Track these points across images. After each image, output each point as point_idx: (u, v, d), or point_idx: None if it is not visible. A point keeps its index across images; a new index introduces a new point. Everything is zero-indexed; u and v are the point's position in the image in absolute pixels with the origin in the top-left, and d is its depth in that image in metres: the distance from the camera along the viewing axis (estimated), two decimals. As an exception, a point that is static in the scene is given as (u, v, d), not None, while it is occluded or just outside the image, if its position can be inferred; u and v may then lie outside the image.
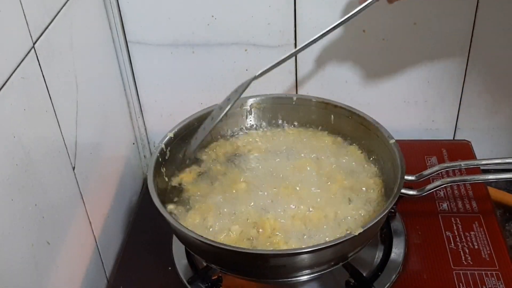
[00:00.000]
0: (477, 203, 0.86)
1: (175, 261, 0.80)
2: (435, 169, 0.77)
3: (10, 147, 0.57)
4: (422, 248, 0.80)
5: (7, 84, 0.57)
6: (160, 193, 0.73)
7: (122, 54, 0.93)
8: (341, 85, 0.96)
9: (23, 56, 0.60)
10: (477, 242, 0.80)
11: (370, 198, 0.75)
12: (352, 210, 0.74)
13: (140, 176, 1.04)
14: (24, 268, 0.60)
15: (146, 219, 0.89)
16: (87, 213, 0.77)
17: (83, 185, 0.75)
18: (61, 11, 0.71)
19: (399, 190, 0.69)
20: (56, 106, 0.68)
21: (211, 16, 0.90)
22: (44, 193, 0.64)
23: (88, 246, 0.78)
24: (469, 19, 0.88)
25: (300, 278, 0.71)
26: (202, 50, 0.93)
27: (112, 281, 0.81)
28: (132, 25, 0.91)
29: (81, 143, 0.75)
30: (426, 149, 0.96)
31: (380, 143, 0.78)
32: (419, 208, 0.85)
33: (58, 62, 0.69)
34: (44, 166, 0.65)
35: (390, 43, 0.91)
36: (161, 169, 0.78)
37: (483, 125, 1.00)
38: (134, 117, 1.00)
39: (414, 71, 0.95)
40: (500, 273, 0.75)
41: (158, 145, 0.78)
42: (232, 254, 0.66)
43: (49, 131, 0.67)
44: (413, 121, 1.00)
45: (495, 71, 0.93)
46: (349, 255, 0.69)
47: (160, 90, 0.98)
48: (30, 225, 0.61)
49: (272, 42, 0.92)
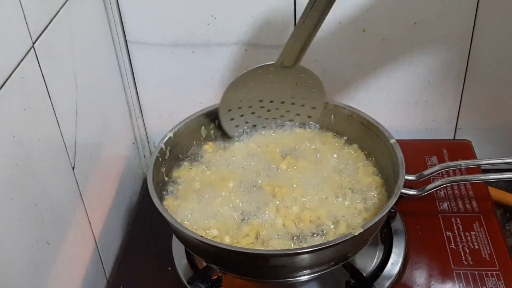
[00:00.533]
0: (477, 203, 0.86)
1: (175, 261, 0.80)
2: (436, 169, 0.77)
3: (9, 147, 0.57)
4: (422, 248, 0.80)
5: (6, 84, 0.57)
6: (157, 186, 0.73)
7: (122, 54, 0.93)
8: (341, 85, 0.96)
9: (22, 55, 0.60)
10: (477, 242, 0.80)
11: (370, 198, 0.75)
12: (352, 210, 0.73)
13: (140, 176, 1.04)
14: (23, 268, 0.60)
15: (146, 219, 0.89)
16: (86, 213, 0.77)
17: (83, 185, 0.75)
18: (60, 10, 0.71)
19: (399, 190, 0.69)
20: (56, 106, 0.68)
21: (211, 16, 0.90)
22: (44, 193, 0.64)
23: (87, 246, 0.78)
24: (469, 19, 0.88)
25: (300, 278, 0.71)
26: (202, 50, 0.93)
27: (111, 281, 0.81)
28: (132, 25, 0.91)
29: (81, 143, 0.75)
30: (427, 149, 0.96)
31: (380, 143, 0.78)
32: (419, 208, 0.85)
33: (57, 62, 0.69)
34: (44, 166, 0.65)
35: (390, 43, 0.91)
36: (161, 169, 0.78)
37: (483, 125, 1.00)
38: (134, 117, 1.00)
39: (414, 71, 0.94)
40: (500, 273, 0.75)
41: (158, 145, 0.78)
42: (232, 254, 0.66)
43: (49, 131, 0.67)
44: (414, 121, 1.00)
45: (496, 71, 0.93)
46: (349, 255, 0.69)
47: (160, 90, 0.98)
48: (30, 225, 0.61)
49: (272, 41, 0.92)
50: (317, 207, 0.74)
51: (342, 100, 0.84)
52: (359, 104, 0.84)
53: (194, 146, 0.84)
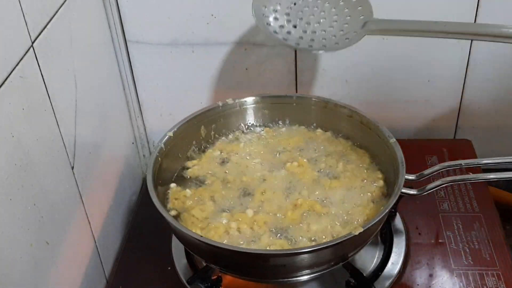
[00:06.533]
0: (477, 203, 0.85)
1: (174, 261, 0.80)
2: (436, 169, 0.77)
3: (9, 146, 0.57)
4: (422, 248, 0.80)
5: (5, 83, 0.56)
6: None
7: (121, 54, 0.93)
8: (341, 85, 0.96)
9: (21, 55, 0.60)
10: (477, 241, 0.80)
11: (370, 197, 0.75)
12: (352, 209, 0.73)
13: (140, 176, 1.03)
14: (23, 268, 0.59)
15: (146, 219, 0.89)
16: (86, 213, 0.77)
17: (82, 184, 0.75)
18: (60, 10, 0.70)
19: (400, 190, 0.69)
20: (55, 106, 0.67)
21: (210, 15, 0.90)
22: (43, 193, 0.64)
23: (87, 245, 0.78)
24: (470, 18, 0.88)
25: (300, 278, 0.71)
26: (201, 49, 0.93)
27: (111, 281, 0.81)
28: (131, 24, 0.91)
29: (80, 142, 0.75)
30: (427, 148, 0.96)
31: (380, 142, 0.78)
32: (419, 208, 0.85)
33: (57, 61, 0.69)
34: (43, 166, 0.64)
35: (390, 42, 0.91)
36: (161, 169, 0.78)
37: (484, 124, 0.99)
38: (134, 117, 1.00)
39: (414, 70, 0.94)
40: (500, 273, 0.75)
41: (158, 145, 0.78)
42: (232, 254, 0.66)
43: (48, 131, 0.66)
44: (414, 120, 1.00)
45: (496, 70, 0.93)
46: (349, 255, 0.69)
47: (159, 90, 0.98)
48: (29, 225, 0.61)
49: (271, 41, 0.91)
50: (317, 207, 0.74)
51: (342, 100, 0.84)
52: (359, 104, 0.84)
53: (193, 146, 0.84)
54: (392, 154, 0.75)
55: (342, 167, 0.79)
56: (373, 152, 0.81)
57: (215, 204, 0.75)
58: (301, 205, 0.73)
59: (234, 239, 0.70)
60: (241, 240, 0.70)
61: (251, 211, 0.73)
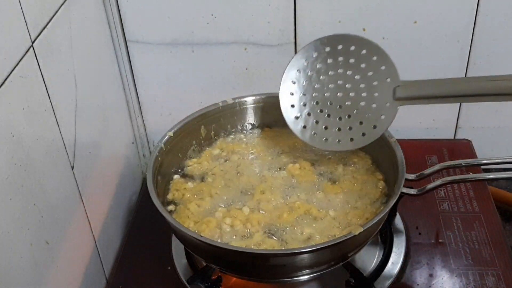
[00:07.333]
0: (478, 203, 0.85)
1: (174, 261, 0.80)
2: (436, 168, 0.77)
3: (9, 146, 0.57)
4: (422, 248, 0.79)
5: (5, 83, 0.56)
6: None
7: (121, 53, 0.93)
8: (341, 84, 0.96)
9: (21, 55, 0.60)
10: (477, 241, 0.79)
11: (370, 197, 0.75)
12: (352, 209, 0.73)
13: (140, 176, 1.03)
14: (23, 268, 0.59)
15: (146, 219, 0.88)
16: (86, 213, 0.77)
17: (82, 184, 0.75)
18: (60, 9, 0.70)
19: (400, 190, 0.69)
20: (55, 105, 0.67)
21: (210, 15, 0.90)
22: (43, 193, 0.64)
23: (87, 245, 0.78)
24: (469, 18, 0.88)
25: (300, 278, 0.71)
26: (201, 49, 0.93)
27: (111, 281, 0.81)
28: (131, 24, 0.91)
29: (80, 142, 0.75)
30: (427, 148, 0.96)
31: (380, 142, 0.78)
32: (419, 208, 0.85)
33: (57, 61, 0.69)
34: (43, 166, 0.64)
35: (390, 41, 0.91)
36: (161, 169, 0.78)
37: (484, 124, 0.99)
38: (134, 116, 1.00)
39: (414, 70, 0.94)
40: (501, 272, 0.75)
41: (158, 144, 0.78)
42: (231, 254, 0.65)
43: (48, 130, 0.66)
44: (414, 120, 1.00)
45: (496, 70, 0.93)
46: (349, 255, 0.69)
47: (159, 89, 0.98)
48: (29, 224, 0.61)
49: (272, 41, 0.91)
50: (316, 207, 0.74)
51: (342, 99, 0.84)
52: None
53: (193, 146, 0.84)
54: (392, 154, 0.75)
55: (342, 169, 0.79)
56: (373, 152, 0.81)
57: (213, 200, 0.76)
58: (298, 208, 0.73)
59: (226, 235, 0.70)
60: (233, 236, 0.70)
61: (247, 209, 0.74)
